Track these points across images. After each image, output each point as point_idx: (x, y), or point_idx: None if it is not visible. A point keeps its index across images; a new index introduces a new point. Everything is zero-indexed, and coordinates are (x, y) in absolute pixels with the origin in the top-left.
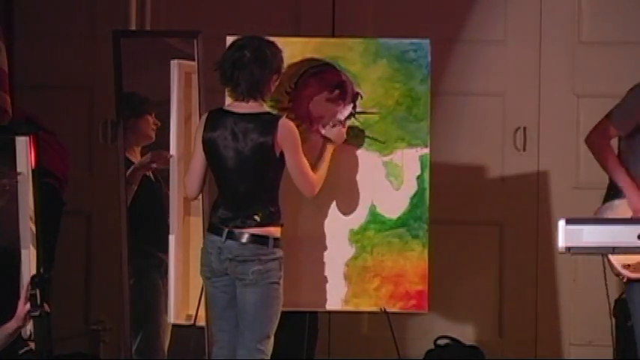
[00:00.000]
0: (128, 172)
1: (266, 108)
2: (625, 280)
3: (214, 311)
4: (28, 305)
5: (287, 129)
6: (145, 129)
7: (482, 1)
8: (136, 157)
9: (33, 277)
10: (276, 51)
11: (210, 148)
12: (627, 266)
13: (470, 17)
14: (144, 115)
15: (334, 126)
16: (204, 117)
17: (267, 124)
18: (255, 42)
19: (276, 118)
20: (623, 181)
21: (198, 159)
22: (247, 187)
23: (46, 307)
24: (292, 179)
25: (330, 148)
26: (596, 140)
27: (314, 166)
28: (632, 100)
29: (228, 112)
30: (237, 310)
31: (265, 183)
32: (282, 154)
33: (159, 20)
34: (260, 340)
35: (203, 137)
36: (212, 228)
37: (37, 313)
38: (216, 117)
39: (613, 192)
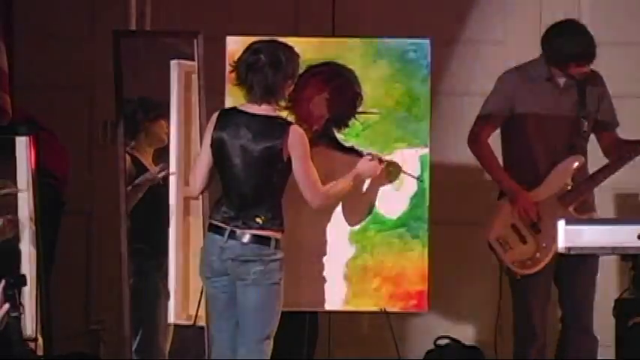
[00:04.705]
0: (138, 180)
1: (279, 112)
2: (518, 277)
3: (214, 311)
4: (7, 306)
5: (297, 135)
6: (159, 132)
7: (482, 1)
8: (147, 159)
9: (9, 278)
10: (292, 56)
11: (218, 146)
12: (514, 262)
13: (470, 17)
14: (159, 119)
15: (372, 160)
16: (215, 115)
17: (277, 128)
18: (271, 46)
19: (288, 123)
20: (502, 178)
21: (205, 157)
22: (252, 188)
23: (21, 309)
24: (299, 187)
25: (355, 176)
26: (474, 144)
27: (329, 181)
28: (496, 90)
29: (240, 111)
30: (237, 311)
31: (270, 186)
32: (289, 160)
33: (159, 20)
34: (260, 341)
35: (212, 135)
36: (213, 228)
37: (16, 314)
38: (228, 116)
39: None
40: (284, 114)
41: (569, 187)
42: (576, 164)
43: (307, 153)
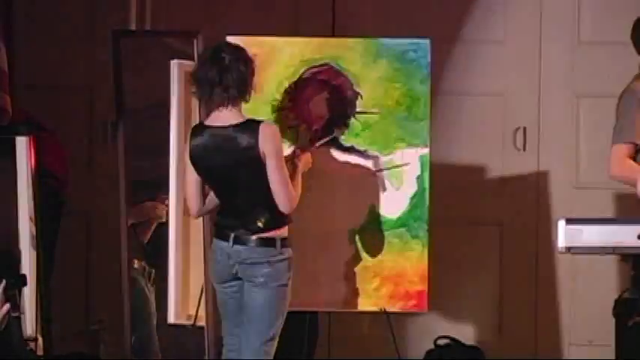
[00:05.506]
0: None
1: (245, 116)
2: None
3: (225, 316)
4: (7, 306)
5: (268, 132)
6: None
7: (482, 1)
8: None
9: (10, 278)
10: (248, 54)
11: (197, 163)
12: None
13: (470, 17)
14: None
15: (302, 153)
16: (189, 132)
17: (248, 130)
18: (227, 46)
19: (257, 122)
20: None
21: (191, 175)
22: (243, 196)
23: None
24: (271, 187)
25: (299, 172)
26: (619, 168)
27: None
28: (627, 108)
29: (208, 126)
30: (244, 311)
31: (260, 189)
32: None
33: (159, 20)
34: (265, 342)
35: (190, 152)
36: (219, 233)
37: (17, 314)
38: (198, 132)
39: None
40: (281, 114)
41: None
42: None
43: (279, 151)
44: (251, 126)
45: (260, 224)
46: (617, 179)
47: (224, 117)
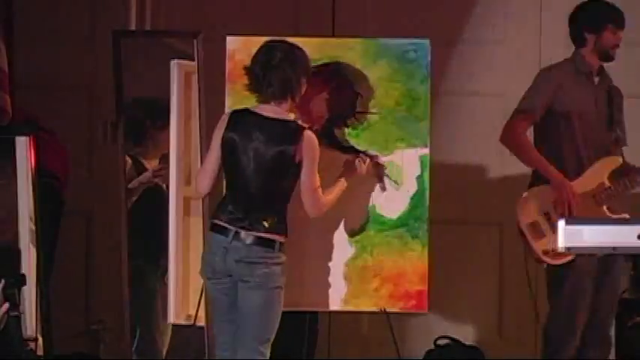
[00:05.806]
0: (131, 184)
1: (292, 116)
2: (545, 266)
3: (216, 313)
4: (6, 305)
5: (312, 141)
6: (167, 139)
7: (482, 1)
8: (151, 165)
9: (9, 278)
10: (305, 54)
11: (229, 147)
12: (547, 252)
13: (470, 17)
14: (167, 127)
15: (372, 161)
16: (226, 115)
17: (292, 132)
18: (284, 44)
19: (302, 127)
20: (544, 166)
21: (214, 156)
22: (261, 190)
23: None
24: (301, 194)
25: (347, 178)
26: (511, 136)
27: (330, 182)
28: (538, 85)
29: (253, 113)
30: (238, 312)
31: (279, 190)
32: (299, 165)
33: (159, 20)
34: (260, 344)
35: (223, 136)
36: (217, 228)
37: (16, 313)
38: (239, 117)
39: (536, 181)
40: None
41: (606, 187)
42: (614, 164)
43: (317, 162)
44: (295, 128)
45: (266, 224)
46: (506, 145)
47: (268, 109)
